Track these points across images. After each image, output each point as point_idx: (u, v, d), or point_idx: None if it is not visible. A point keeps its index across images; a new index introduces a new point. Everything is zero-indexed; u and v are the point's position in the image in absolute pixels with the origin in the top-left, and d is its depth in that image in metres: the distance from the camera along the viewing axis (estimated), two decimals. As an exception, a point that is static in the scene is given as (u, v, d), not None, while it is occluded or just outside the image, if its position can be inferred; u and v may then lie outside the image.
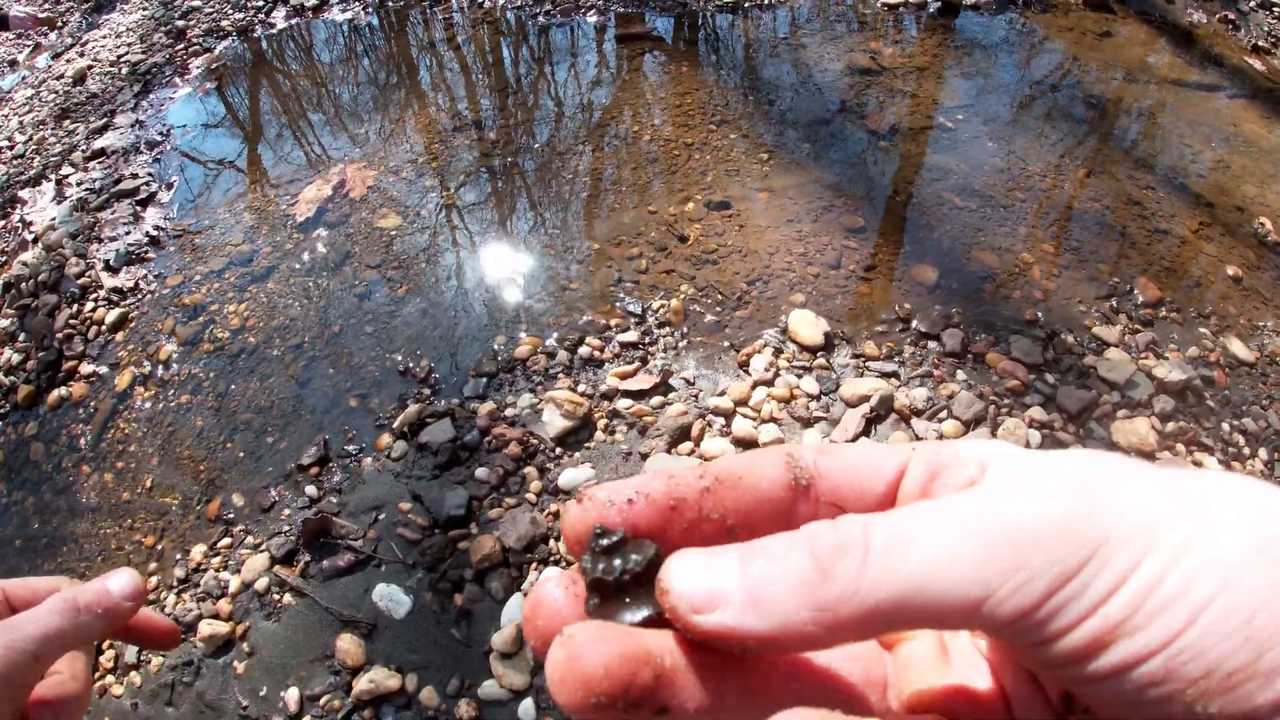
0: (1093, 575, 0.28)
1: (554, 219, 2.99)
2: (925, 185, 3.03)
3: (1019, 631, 0.29)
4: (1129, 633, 0.27)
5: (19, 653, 0.54)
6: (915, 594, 0.29)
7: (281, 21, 4.26)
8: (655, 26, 3.85)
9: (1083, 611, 0.28)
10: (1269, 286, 2.82)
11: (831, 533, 0.32)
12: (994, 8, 3.94)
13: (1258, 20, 4.19)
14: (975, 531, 0.30)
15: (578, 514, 0.36)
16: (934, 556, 0.29)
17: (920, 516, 0.31)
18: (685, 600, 0.31)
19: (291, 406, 2.51)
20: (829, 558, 0.31)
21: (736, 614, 0.31)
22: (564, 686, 0.30)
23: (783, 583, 0.31)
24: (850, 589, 0.30)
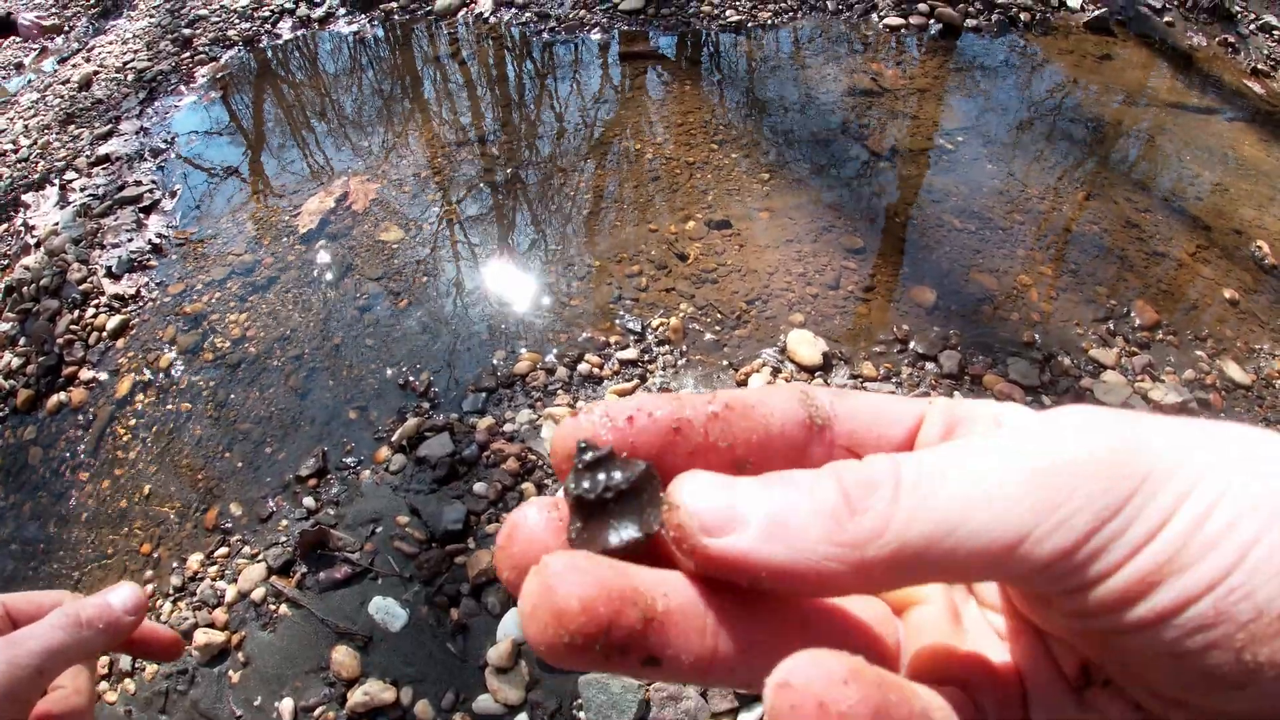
0: (1137, 511, 0.26)
1: (555, 235, 3.01)
2: (924, 206, 3.05)
3: (1056, 575, 0.27)
4: (1176, 571, 0.26)
5: (22, 668, 0.55)
6: (948, 534, 0.27)
7: (287, 32, 4.29)
8: (658, 45, 3.87)
9: (1128, 549, 0.26)
10: (1266, 310, 2.83)
11: (860, 468, 0.29)
12: (995, 30, 3.97)
13: (1257, 43, 4.22)
14: (1011, 468, 0.27)
15: (569, 427, 0.33)
16: (968, 494, 0.27)
17: (952, 455, 0.29)
18: (696, 518, 0.29)
19: (291, 417, 2.52)
20: (858, 492, 0.28)
21: (753, 539, 0.28)
22: (534, 621, 0.27)
23: (808, 511, 0.28)
24: (880, 525, 0.27)
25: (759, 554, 0.28)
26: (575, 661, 0.27)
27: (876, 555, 0.27)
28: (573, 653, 0.27)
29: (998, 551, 0.26)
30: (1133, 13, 4.18)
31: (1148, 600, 0.26)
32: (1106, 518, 0.26)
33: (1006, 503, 0.27)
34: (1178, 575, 0.25)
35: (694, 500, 0.29)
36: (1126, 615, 0.26)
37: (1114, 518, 0.26)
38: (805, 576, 0.28)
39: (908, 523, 0.27)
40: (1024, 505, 0.27)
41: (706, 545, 0.28)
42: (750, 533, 0.28)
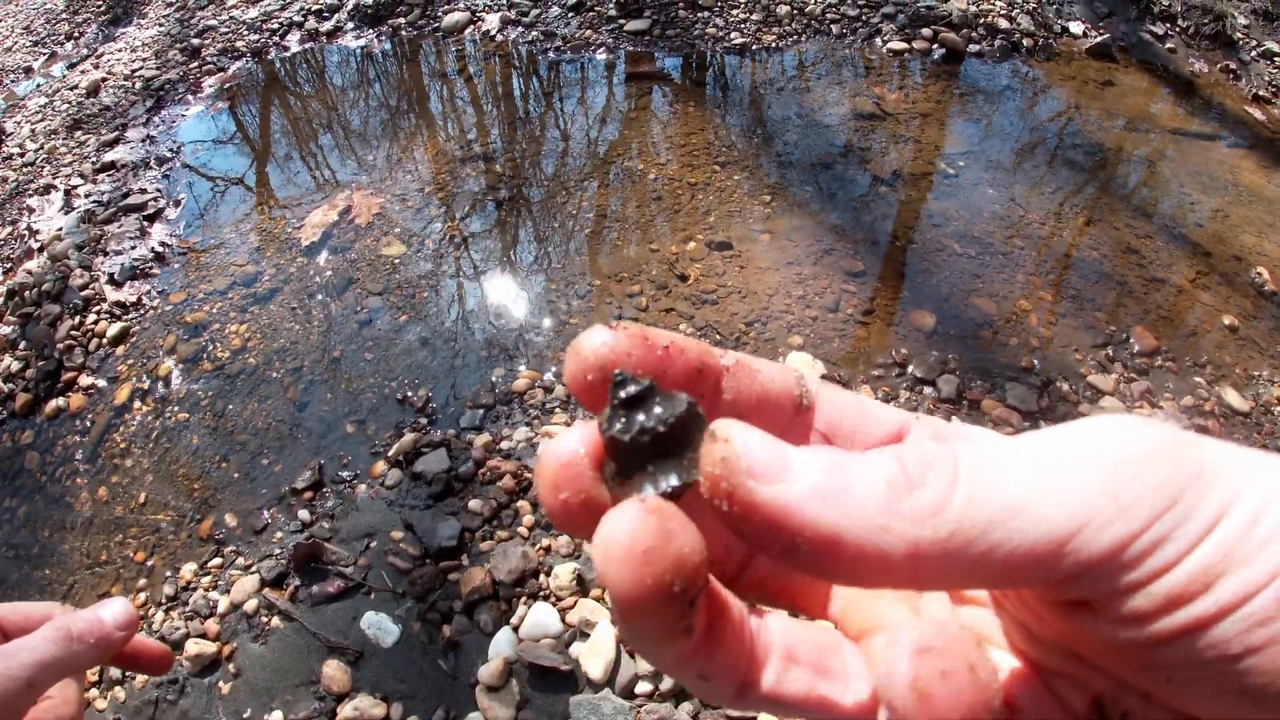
0: (1194, 503, 0.25)
1: (557, 253, 3.02)
2: (925, 231, 3.06)
3: (1113, 569, 0.25)
4: (1238, 563, 0.24)
5: (12, 679, 0.55)
6: (1007, 519, 0.25)
7: (296, 45, 4.32)
8: (664, 66, 3.89)
9: (1188, 540, 0.25)
10: (1265, 336, 2.83)
11: (917, 450, 0.28)
12: (997, 55, 3.99)
13: (1259, 70, 4.23)
14: (1068, 458, 0.26)
15: (602, 342, 0.30)
16: (1028, 481, 0.26)
17: (1006, 444, 0.28)
18: (744, 458, 0.26)
19: (288, 429, 2.52)
20: (917, 469, 0.27)
21: (804, 492, 0.26)
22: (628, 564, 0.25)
23: (867, 477, 0.26)
24: (939, 501, 0.26)
25: (808, 511, 0.26)
26: (655, 609, 0.26)
27: (933, 535, 0.25)
28: (662, 602, 0.26)
29: (1058, 539, 0.25)
30: (1135, 39, 4.20)
31: (1210, 594, 0.24)
32: (1165, 508, 0.25)
33: (1066, 490, 0.25)
34: (1240, 567, 0.24)
35: (744, 439, 0.27)
36: (1184, 613, 0.25)
37: (1172, 508, 0.25)
38: (851, 549, 0.26)
39: (967, 503, 0.26)
40: (1084, 493, 0.25)
41: (752, 490, 0.26)
42: (801, 485, 0.26)
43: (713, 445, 0.27)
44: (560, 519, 0.29)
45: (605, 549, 0.26)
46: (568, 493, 0.29)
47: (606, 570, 0.25)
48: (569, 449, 0.29)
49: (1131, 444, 0.26)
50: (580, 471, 0.29)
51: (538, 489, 0.30)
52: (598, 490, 0.29)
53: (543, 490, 0.30)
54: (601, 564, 0.26)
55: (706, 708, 1.83)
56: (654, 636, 0.27)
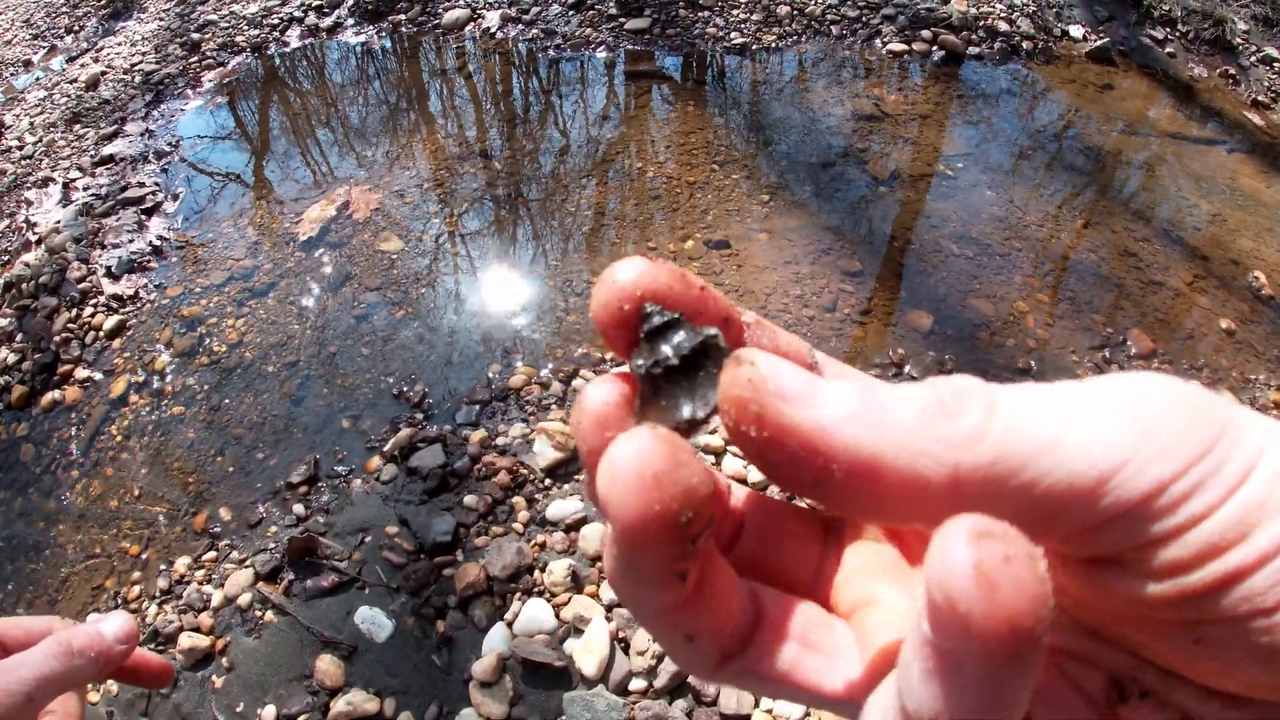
0: (1229, 449, 0.24)
1: (555, 250, 3.02)
2: (923, 232, 3.06)
3: (1147, 514, 0.24)
4: (1274, 512, 0.24)
5: (13, 694, 0.55)
6: (1049, 451, 0.24)
7: (296, 41, 4.31)
8: (664, 65, 3.89)
9: (1225, 486, 0.24)
10: (1262, 340, 2.84)
11: (955, 380, 0.26)
12: (997, 58, 4.00)
13: (1258, 75, 4.24)
14: (1106, 400, 0.25)
15: (641, 272, 0.29)
16: (1066, 417, 0.25)
17: (1041, 387, 0.26)
18: (772, 380, 0.25)
19: (283, 424, 2.52)
20: (954, 399, 0.26)
21: (840, 414, 0.25)
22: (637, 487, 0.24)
23: (905, 402, 0.26)
24: (979, 428, 0.25)
25: (845, 434, 0.25)
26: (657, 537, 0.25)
27: (975, 460, 0.24)
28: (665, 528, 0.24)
29: (1100, 476, 0.24)
30: (1135, 43, 4.21)
31: (1245, 544, 0.24)
32: (1200, 455, 0.24)
33: (1106, 429, 0.24)
34: (1274, 517, 0.24)
35: (771, 361, 0.26)
36: (1220, 563, 0.24)
37: (1206, 456, 0.24)
38: (890, 474, 0.25)
39: (1007, 430, 0.25)
40: (1123, 433, 0.24)
41: (783, 411, 0.25)
42: (837, 408, 0.25)
43: (737, 369, 0.26)
44: (595, 460, 0.27)
45: (611, 471, 0.24)
46: (614, 431, 0.27)
47: (611, 494, 0.24)
48: (612, 388, 0.28)
49: (1163, 393, 0.26)
50: (625, 412, 0.28)
51: (579, 432, 0.28)
52: None
53: (586, 430, 0.28)
54: (606, 487, 0.24)
55: (700, 704, 1.83)
56: (648, 575, 0.26)
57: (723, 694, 1.83)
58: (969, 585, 0.21)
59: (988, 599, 0.20)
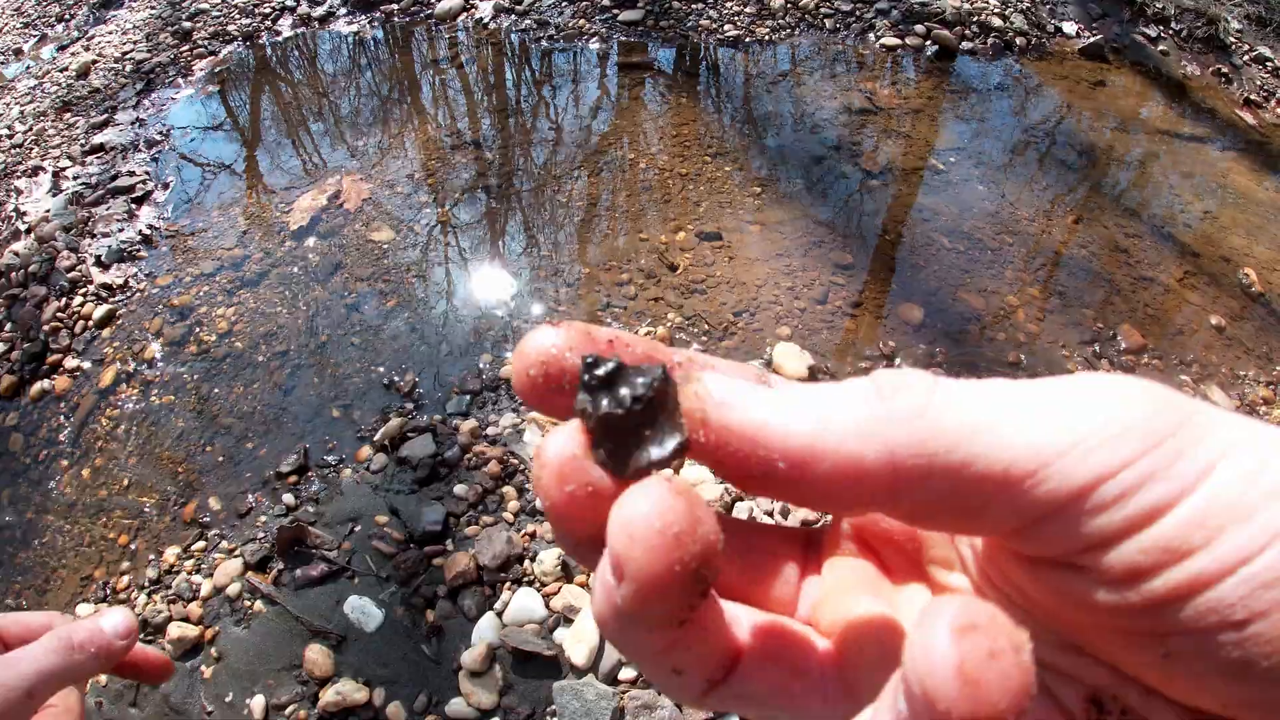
0: (1190, 442, 0.24)
1: (546, 241, 3.01)
2: (915, 225, 3.07)
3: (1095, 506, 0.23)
4: (1242, 514, 0.22)
5: (13, 689, 0.55)
6: (984, 432, 0.24)
7: (288, 30, 4.29)
8: (656, 57, 3.89)
9: (1184, 480, 0.23)
10: (1252, 336, 2.86)
11: (890, 372, 0.27)
12: (990, 54, 4.00)
13: (1250, 74, 4.25)
14: (1051, 390, 0.25)
15: (550, 340, 0.29)
16: (1008, 402, 0.25)
17: (994, 380, 0.26)
18: (716, 391, 0.27)
19: (274, 413, 2.51)
20: (891, 386, 0.26)
21: (777, 408, 0.26)
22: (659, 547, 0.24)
23: (836, 392, 0.27)
24: (915, 408, 0.25)
25: (782, 425, 0.26)
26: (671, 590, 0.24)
27: (909, 437, 0.25)
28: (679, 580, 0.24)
29: (1037, 460, 0.23)
30: (1128, 40, 4.22)
31: (1210, 548, 0.22)
32: (1154, 444, 0.23)
33: (1048, 416, 0.24)
34: (1242, 521, 0.22)
35: (715, 376, 0.28)
36: (1182, 569, 0.23)
37: (1161, 445, 0.23)
38: (828, 459, 0.25)
39: (941, 412, 0.25)
40: (1067, 419, 0.24)
41: (723, 415, 0.26)
42: (774, 404, 0.26)
43: (687, 387, 0.28)
44: (563, 513, 0.28)
45: (630, 529, 0.24)
46: (574, 485, 0.27)
47: (631, 553, 0.24)
48: (572, 440, 0.28)
49: (1124, 389, 0.25)
50: (585, 464, 0.28)
51: (540, 486, 0.28)
52: (604, 481, 0.28)
53: (547, 485, 0.28)
54: (625, 546, 0.24)
55: (688, 694, 1.83)
56: (653, 624, 0.26)
57: (711, 684, 1.84)
58: (951, 685, 0.20)
59: (970, 699, 0.20)
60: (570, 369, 0.29)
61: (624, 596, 0.25)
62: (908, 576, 0.34)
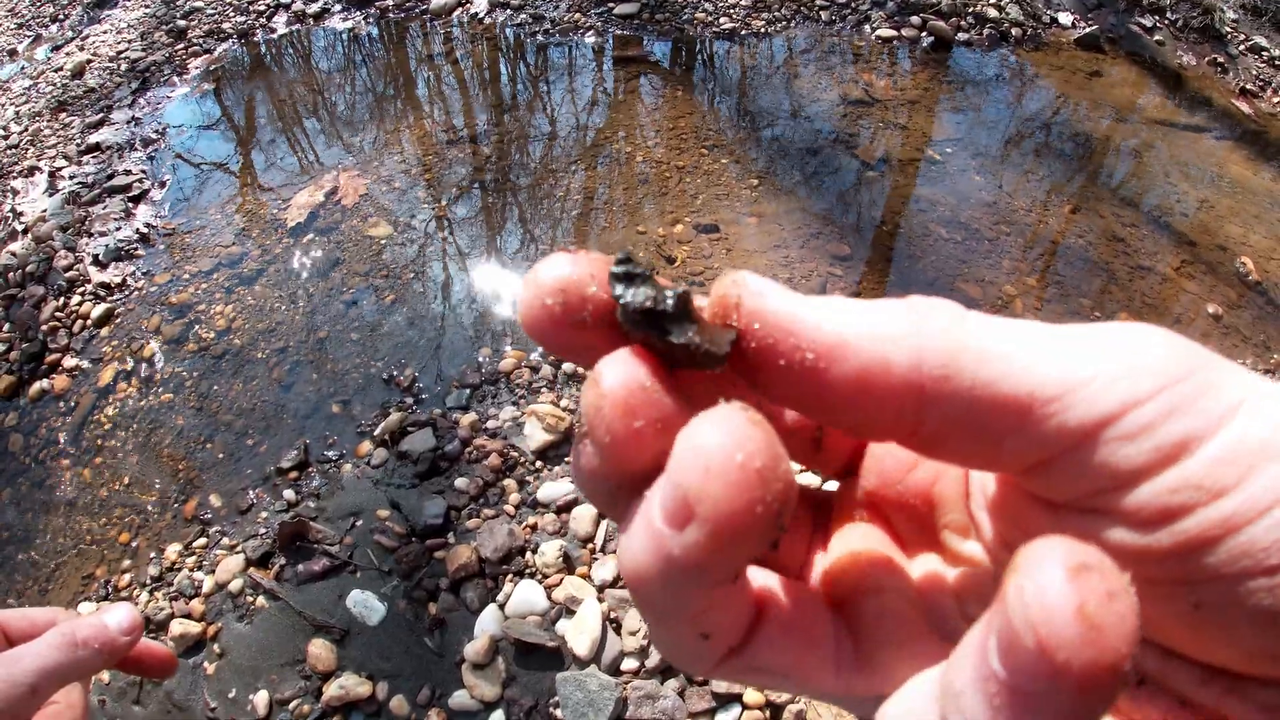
0: (1214, 379, 0.23)
1: (544, 235, 3.01)
2: (912, 216, 3.07)
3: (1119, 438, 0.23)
4: (1275, 455, 0.21)
5: (17, 685, 0.55)
6: (1003, 357, 0.24)
7: (282, 27, 4.28)
8: (652, 50, 3.89)
9: (1209, 417, 0.22)
10: (1249, 325, 2.86)
11: (928, 298, 0.26)
12: (986, 44, 4.00)
13: (1246, 64, 4.26)
14: (1076, 329, 0.25)
15: (569, 265, 0.27)
16: (1032, 336, 0.24)
17: (1015, 320, 0.26)
18: (753, 281, 0.26)
19: (273, 410, 2.51)
20: (925, 304, 0.26)
21: (812, 304, 0.26)
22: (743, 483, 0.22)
23: (873, 304, 0.26)
24: (943, 327, 0.25)
25: (814, 315, 0.25)
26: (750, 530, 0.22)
27: (939, 345, 0.24)
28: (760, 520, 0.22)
29: (1063, 385, 0.23)
30: (1123, 30, 4.22)
31: (1243, 487, 0.21)
32: (1177, 379, 0.23)
33: (1074, 348, 0.24)
34: (1277, 460, 0.21)
35: (755, 275, 0.27)
36: (1214, 509, 0.22)
37: (1183, 381, 0.23)
38: (855, 355, 0.24)
39: (968, 333, 0.24)
40: (1091, 353, 0.23)
41: (759, 299, 0.25)
42: (809, 301, 0.26)
43: (724, 277, 0.27)
44: (625, 451, 0.25)
45: (708, 461, 0.22)
46: (643, 420, 0.25)
47: (707, 489, 0.22)
48: (637, 366, 0.25)
49: (1143, 329, 0.25)
50: (655, 394, 0.25)
51: (600, 420, 0.25)
52: (675, 411, 0.25)
53: (610, 419, 0.25)
54: (699, 481, 0.22)
55: (691, 684, 1.84)
56: (714, 575, 0.24)
57: (714, 673, 1.84)
58: (1073, 631, 0.18)
59: (1093, 645, 0.18)
60: (595, 299, 0.27)
61: (688, 543, 0.22)
62: (920, 545, 0.33)
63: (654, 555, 0.24)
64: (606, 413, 0.25)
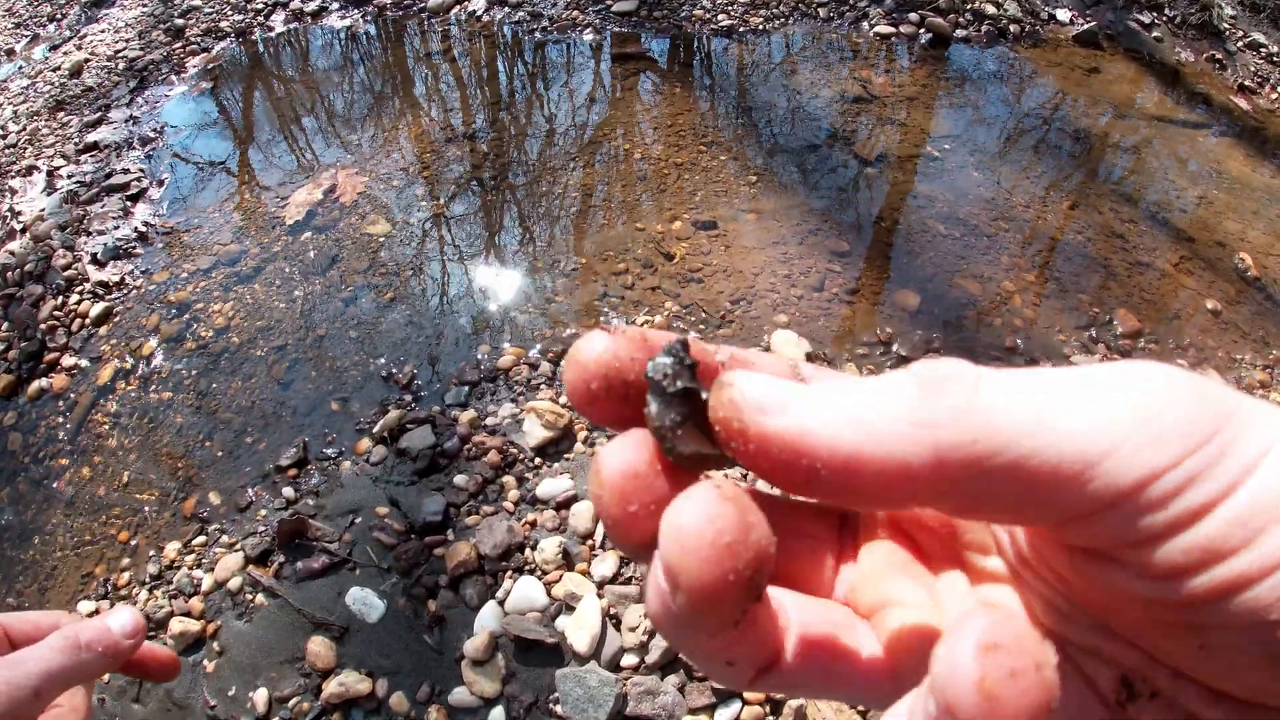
0: (1233, 438, 0.24)
1: (542, 233, 3.01)
2: (910, 212, 3.07)
3: (1138, 507, 0.23)
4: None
5: (20, 688, 0.55)
6: (1033, 432, 0.24)
7: (280, 25, 4.28)
8: (650, 47, 3.88)
9: (1227, 480, 0.23)
10: (1248, 321, 2.86)
11: (935, 364, 0.26)
12: (984, 41, 4.00)
13: (1244, 60, 4.26)
14: (1096, 384, 0.25)
15: (604, 348, 0.29)
16: (1057, 399, 0.24)
17: (1035, 370, 0.26)
18: (752, 397, 0.26)
19: (272, 408, 2.51)
20: (933, 382, 0.25)
21: (816, 413, 0.25)
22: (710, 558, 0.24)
23: (879, 391, 0.26)
24: (960, 407, 0.24)
25: (824, 432, 0.25)
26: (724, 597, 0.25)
27: (956, 439, 0.24)
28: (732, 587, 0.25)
29: (1086, 459, 0.23)
30: (1121, 27, 4.22)
31: (1251, 549, 0.23)
32: (1198, 444, 0.23)
33: (1095, 411, 0.24)
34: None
35: (748, 378, 0.27)
36: (1223, 569, 0.23)
37: (1206, 444, 0.23)
38: (873, 464, 0.25)
39: (988, 411, 0.24)
40: (1113, 415, 0.24)
41: (762, 423, 0.26)
42: (813, 409, 0.26)
43: (720, 392, 0.27)
44: (623, 528, 0.28)
45: (682, 540, 0.24)
46: (637, 504, 0.28)
47: (684, 563, 0.24)
48: (636, 453, 0.28)
49: (1167, 379, 0.25)
50: (648, 480, 0.28)
51: (600, 504, 0.28)
52: (667, 493, 0.27)
53: (608, 504, 0.28)
54: (677, 556, 0.24)
55: (692, 679, 1.84)
56: (709, 627, 0.26)
57: (714, 669, 1.84)
58: (970, 700, 0.21)
59: (988, 713, 0.21)
60: (634, 381, 0.29)
61: (679, 604, 0.25)
62: (944, 562, 0.35)
63: (661, 608, 0.27)
64: (605, 499, 0.28)
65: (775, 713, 1.82)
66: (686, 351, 0.29)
